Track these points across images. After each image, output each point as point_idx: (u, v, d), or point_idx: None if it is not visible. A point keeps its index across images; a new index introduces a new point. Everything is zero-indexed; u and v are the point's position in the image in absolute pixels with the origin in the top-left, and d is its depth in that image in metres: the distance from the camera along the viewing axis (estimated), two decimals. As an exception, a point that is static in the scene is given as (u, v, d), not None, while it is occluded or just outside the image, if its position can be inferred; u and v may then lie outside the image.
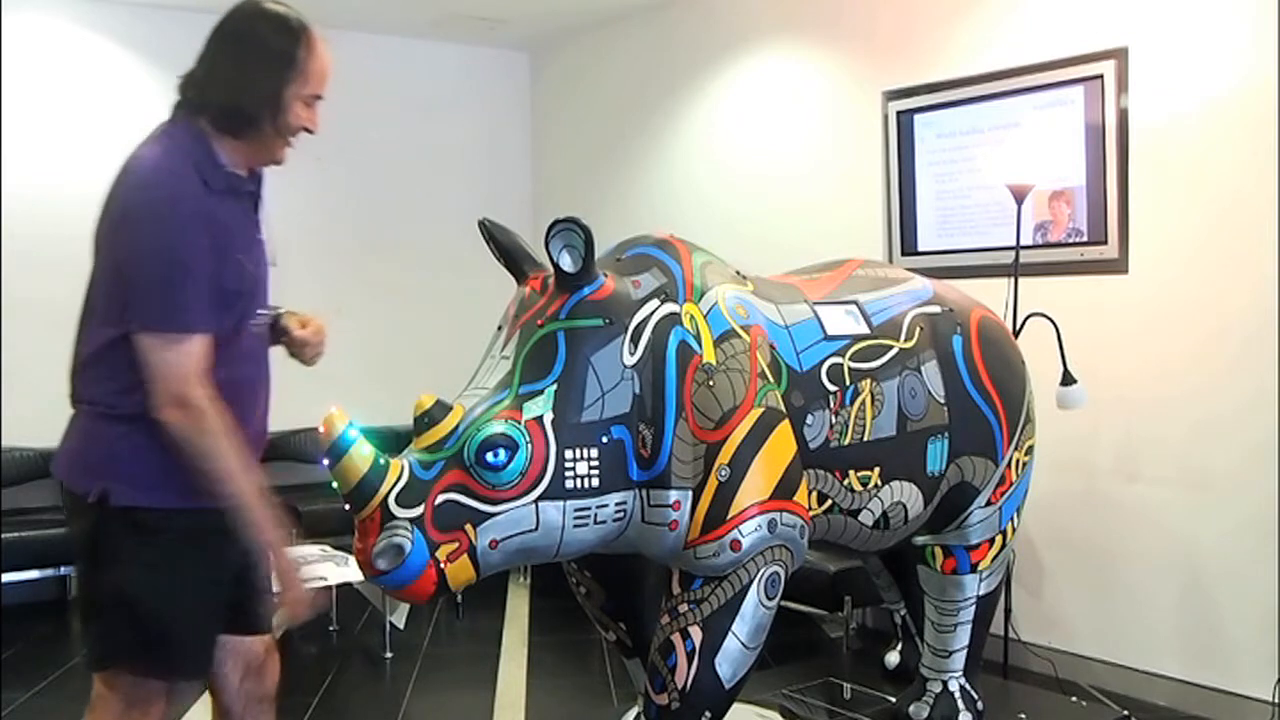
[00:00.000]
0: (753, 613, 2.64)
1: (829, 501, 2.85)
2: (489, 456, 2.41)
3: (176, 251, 2.07)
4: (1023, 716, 3.47)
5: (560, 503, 2.47)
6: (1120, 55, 4.20)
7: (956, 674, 3.28)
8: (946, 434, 3.03)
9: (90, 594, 2.25)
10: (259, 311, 2.30)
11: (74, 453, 2.21)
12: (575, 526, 2.50)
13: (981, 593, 3.25)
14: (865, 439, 2.88)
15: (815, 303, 2.95)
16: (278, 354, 2.47)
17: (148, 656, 2.19)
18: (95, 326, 2.18)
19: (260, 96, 2.17)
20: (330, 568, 4.68)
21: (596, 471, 2.51)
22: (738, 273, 2.90)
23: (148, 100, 5.91)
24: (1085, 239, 4.36)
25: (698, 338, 2.64)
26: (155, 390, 2.08)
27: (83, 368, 2.21)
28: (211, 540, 2.19)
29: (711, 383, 2.60)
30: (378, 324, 6.61)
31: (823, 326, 2.90)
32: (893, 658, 3.73)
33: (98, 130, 5.77)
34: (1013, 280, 4.15)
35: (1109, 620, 4.36)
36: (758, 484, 2.60)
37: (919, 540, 3.20)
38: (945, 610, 3.25)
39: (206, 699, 2.47)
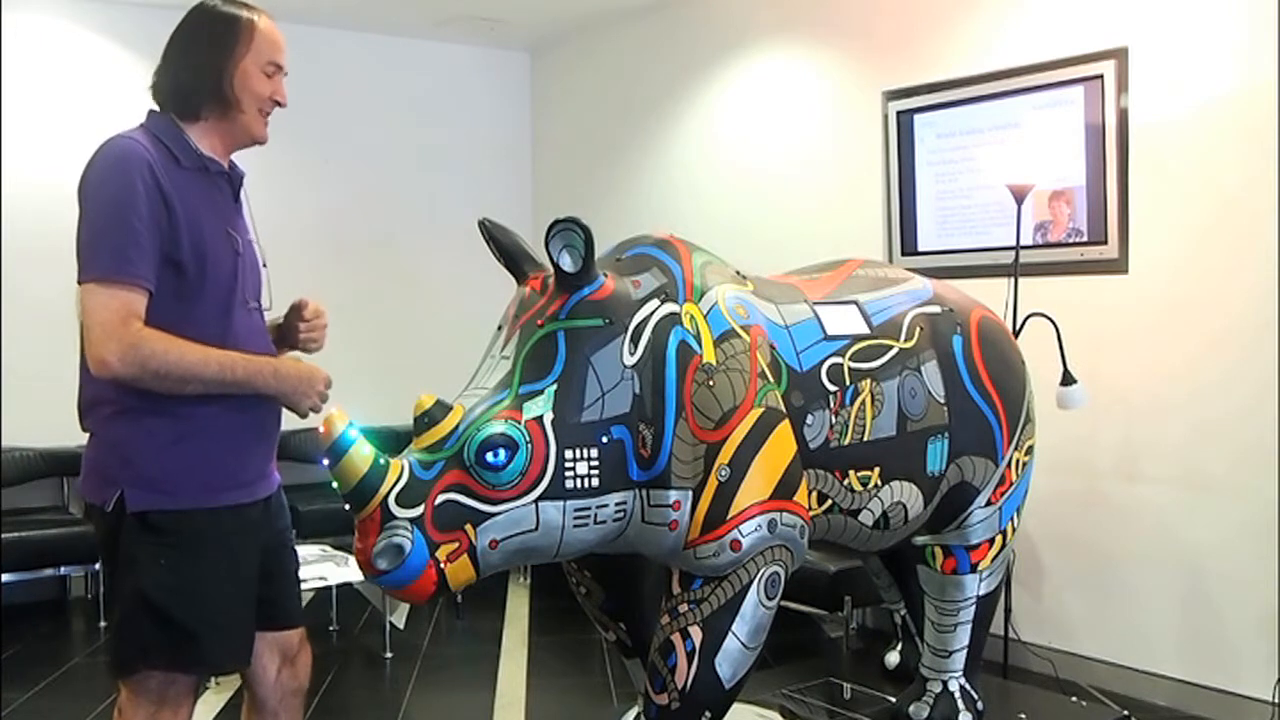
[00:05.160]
0: (753, 613, 2.64)
1: (829, 501, 2.85)
2: (489, 456, 2.41)
3: (124, 205, 2.08)
4: (1023, 716, 3.47)
5: (560, 503, 2.47)
6: (1120, 55, 4.20)
7: (956, 674, 3.28)
8: (946, 434, 3.03)
9: (117, 600, 2.24)
10: (251, 302, 2.33)
11: (91, 465, 2.23)
12: (575, 526, 2.51)
13: (981, 593, 3.25)
14: (865, 439, 2.88)
15: (815, 303, 2.95)
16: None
17: (178, 654, 2.20)
18: None
19: (205, 70, 2.25)
20: (330, 568, 4.69)
21: (596, 471, 2.51)
22: (738, 273, 2.90)
23: (147, 100, 5.90)
24: (1085, 239, 4.36)
25: (698, 338, 2.64)
26: (90, 338, 2.05)
27: (88, 379, 2.20)
28: (230, 538, 2.24)
29: (711, 383, 2.60)
30: (377, 324, 6.61)
31: (823, 326, 2.90)
32: (893, 658, 3.73)
33: (98, 130, 5.75)
34: (1013, 280, 4.15)
35: (1109, 620, 4.36)
36: (758, 484, 2.60)
37: (919, 540, 3.20)
38: (945, 610, 3.25)
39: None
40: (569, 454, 2.48)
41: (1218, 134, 3.99)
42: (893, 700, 3.45)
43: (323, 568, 4.70)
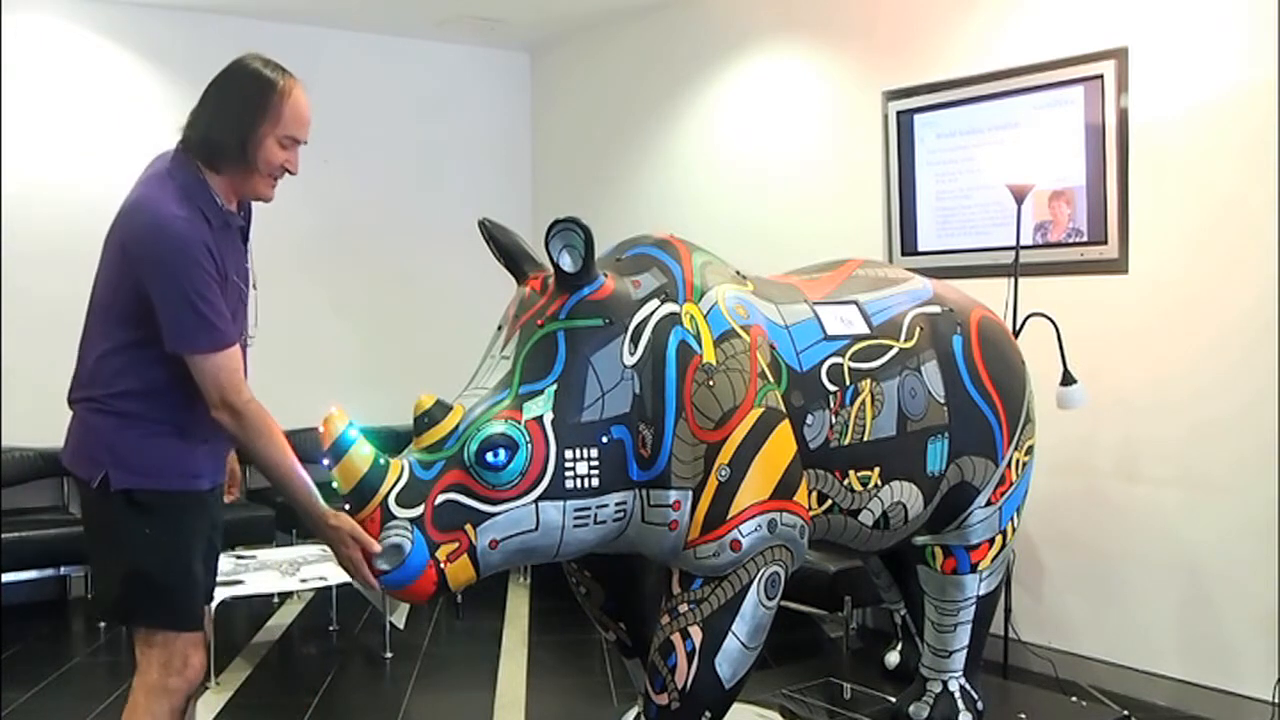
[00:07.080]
0: (753, 613, 2.64)
1: (829, 501, 2.85)
2: (489, 456, 2.41)
3: (199, 287, 2.35)
4: (1023, 716, 3.47)
5: (560, 503, 2.47)
6: (1120, 55, 4.20)
7: (956, 674, 3.29)
8: (946, 434, 3.03)
9: (100, 563, 2.57)
10: (248, 331, 2.57)
11: (77, 444, 2.49)
12: (575, 526, 2.51)
13: (981, 593, 3.25)
14: (865, 439, 2.88)
15: (815, 303, 2.95)
16: (276, 354, 2.50)
17: (158, 611, 2.46)
18: (98, 335, 2.45)
19: (232, 130, 2.41)
20: (330, 568, 4.69)
21: (596, 471, 2.51)
22: (738, 273, 2.90)
23: (147, 100, 5.90)
24: (1085, 239, 4.36)
25: (698, 338, 2.64)
26: (208, 396, 2.39)
27: (85, 370, 2.46)
28: (197, 517, 2.50)
29: (711, 383, 2.60)
30: (378, 324, 6.61)
31: (823, 326, 2.90)
32: (893, 658, 3.73)
33: (98, 130, 5.77)
34: (1013, 280, 4.16)
35: (1109, 620, 4.36)
36: (758, 484, 2.61)
37: (919, 540, 3.20)
38: (945, 610, 3.25)
39: (205, 698, 2.48)
40: (569, 454, 2.48)
41: (1218, 134, 3.99)
42: (893, 700, 3.45)
43: (323, 568, 4.70)
